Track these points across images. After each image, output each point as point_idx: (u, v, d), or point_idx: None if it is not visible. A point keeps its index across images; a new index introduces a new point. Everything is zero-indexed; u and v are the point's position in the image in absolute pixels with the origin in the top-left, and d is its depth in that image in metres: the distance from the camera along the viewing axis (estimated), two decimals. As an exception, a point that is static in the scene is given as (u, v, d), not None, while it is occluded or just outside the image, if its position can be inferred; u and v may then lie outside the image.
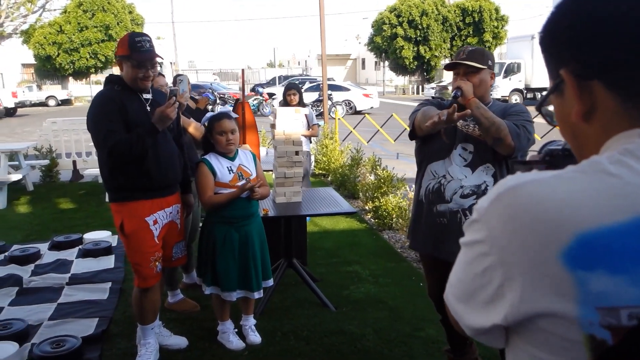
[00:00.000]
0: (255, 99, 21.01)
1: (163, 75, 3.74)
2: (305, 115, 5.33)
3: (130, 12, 31.29)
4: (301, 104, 5.70)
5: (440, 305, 2.76)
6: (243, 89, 4.98)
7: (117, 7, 30.23)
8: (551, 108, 0.85)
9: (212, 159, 3.06)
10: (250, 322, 3.33)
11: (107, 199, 6.71)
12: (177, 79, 3.87)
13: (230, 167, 3.07)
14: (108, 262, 4.68)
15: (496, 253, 0.70)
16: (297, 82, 25.68)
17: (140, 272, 2.88)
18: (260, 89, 22.76)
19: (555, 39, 0.76)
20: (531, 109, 2.00)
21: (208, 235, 3.12)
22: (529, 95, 24.97)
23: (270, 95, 22.12)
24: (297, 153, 3.68)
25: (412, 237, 2.68)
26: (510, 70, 24.95)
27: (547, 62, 0.80)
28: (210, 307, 3.67)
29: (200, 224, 3.58)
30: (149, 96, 2.89)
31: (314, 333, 3.39)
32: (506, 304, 0.69)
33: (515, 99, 24.82)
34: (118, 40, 2.92)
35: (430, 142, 2.50)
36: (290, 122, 3.63)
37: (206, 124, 3.16)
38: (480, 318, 0.74)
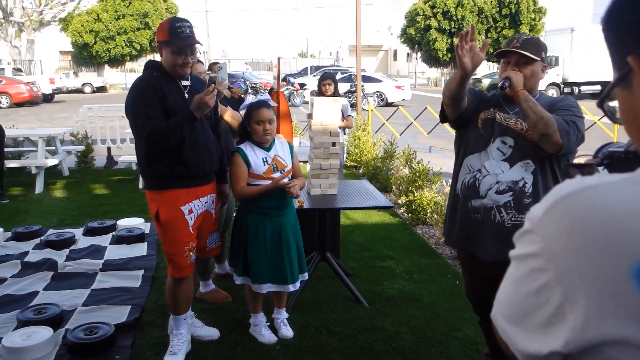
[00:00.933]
0: (286, 89, 20.97)
1: (202, 63, 3.69)
2: (342, 105, 5.23)
3: (165, 1, 31.56)
4: (336, 94, 5.61)
5: (477, 305, 2.66)
6: (278, 78, 4.91)
7: (152, -5, 30.55)
8: (614, 103, 0.75)
9: (248, 148, 2.99)
10: (282, 315, 3.28)
11: (141, 186, 6.83)
12: (216, 66, 3.82)
13: (266, 157, 2.99)
14: (141, 249, 4.70)
15: (554, 269, 0.61)
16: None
17: (174, 261, 2.84)
18: (292, 79, 22.68)
19: (621, 24, 0.66)
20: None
21: (241, 224, 3.07)
22: (567, 90, 24.26)
23: (302, 85, 22.04)
24: (333, 144, 3.59)
25: (448, 232, 2.58)
26: (548, 63, 24.25)
27: (611, 51, 0.70)
28: (242, 299, 3.63)
29: (234, 214, 3.54)
30: (187, 83, 2.84)
31: (347, 329, 3.31)
32: (567, 328, 0.60)
33: (552, 93, 24.15)
34: (156, 27, 2.87)
35: (468, 133, 2.39)
36: (328, 112, 3.54)
37: (243, 111, 3.09)
38: (535, 343, 0.64)
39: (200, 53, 2.89)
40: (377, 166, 7.11)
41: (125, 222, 5.33)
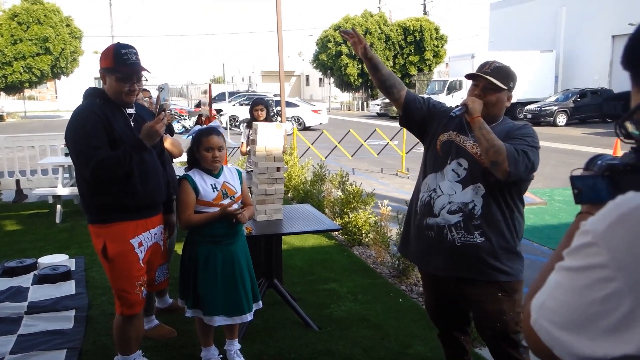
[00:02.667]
0: (200, 114, 20.62)
1: (147, 90, 3.57)
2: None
3: (68, 25, 30.10)
4: (268, 119, 5.62)
5: (436, 318, 2.71)
6: (210, 104, 4.86)
7: (55, 19, 29.02)
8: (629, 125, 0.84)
9: (196, 175, 2.92)
10: (235, 346, 3.18)
11: (58, 221, 6.37)
12: (158, 88, 3.70)
13: (215, 184, 2.94)
14: (68, 287, 4.38)
15: (623, 278, 0.66)
16: (244, 97, 25.54)
17: (125, 298, 2.69)
18: (208, 105, 22.37)
19: None
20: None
21: (190, 254, 2.97)
22: (470, 112, 25.88)
23: (218, 111, 21.76)
24: (278, 169, 3.59)
25: (403, 244, 2.68)
26: (453, 87, 25.85)
27: (635, 78, 0.78)
28: (189, 332, 3.50)
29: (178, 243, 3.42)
30: (132, 111, 2.73)
31: (302, 355, 3.28)
32: None
33: (458, 115, 25.68)
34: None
35: (428, 153, 2.50)
36: (272, 137, 3.54)
37: (191, 138, 3.02)
38: (602, 348, 0.68)
39: (146, 80, 2.80)
40: (308, 190, 7.16)
41: (47, 260, 4.96)
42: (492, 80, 2.29)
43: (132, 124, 2.70)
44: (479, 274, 2.33)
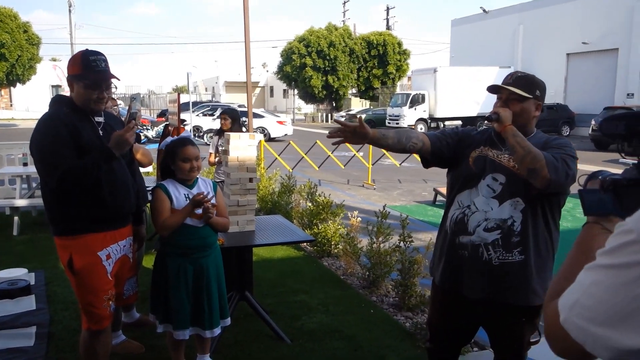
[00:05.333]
0: (164, 124, 20.29)
1: (115, 99, 3.47)
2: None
3: (25, 32, 29.21)
4: (234, 128, 5.57)
5: (437, 338, 2.55)
6: (179, 114, 4.78)
7: (12, 25, 28.12)
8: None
9: (170, 185, 2.86)
10: (206, 361, 3.11)
11: (15, 233, 6.10)
12: (131, 98, 3.60)
13: (188, 194, 2.88)
14: (28, 303, 4.19)
15: None
16: (208, 107, 25.29)
17: (92, 313, 2.58)
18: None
19: None
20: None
21: (161, 268, 2.89)
22: (433, 125, 26.42)
23: (182, 121, 21.48)
24: (250, 180, 3.55)
25: (435, 269, 2.46)
26: (416, 100, 26.32)
27: None
28: (157, 348, 3.40)
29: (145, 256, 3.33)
30: (101, 119, 2.65)
31: (275, 369, 3.23)
32: None
33: (421, 127, 26.15)
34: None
35: (460, 170, 2.35)
36: (244, 147, 3.51)
37: (163, 149, 2.95)
38: None
39: (115, 88, 2.73)
40: (275, 201, 7.12)
41: (4, 274, 4.73)
42: (514, 90, 2.19)
43: (100, 132, 2.62)
44: (517, 299, 2.22)
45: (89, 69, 2.51)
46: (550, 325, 0.89)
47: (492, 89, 2.28)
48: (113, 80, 2.63)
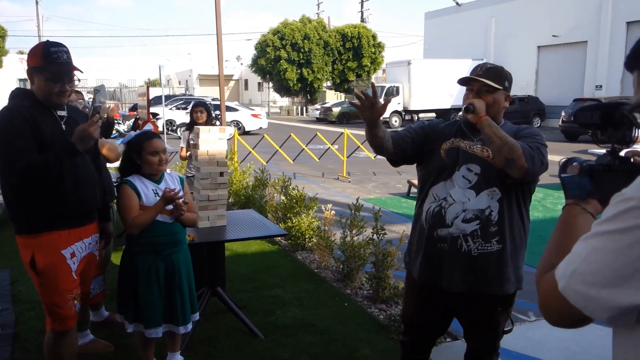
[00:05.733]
0: (137, 117, 19.92)
1: (80, 92, 3.36)
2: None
3: (-11, 23, 28.32)
4: (209, 122, 5.49)
5: (413, 330, 2.54)
6: (148, 107, 4.68)
7: (-26, 16, 27.22)
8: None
9: (136, 180, 2.78)
10: (177, 359, 3.06)
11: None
12: (94, 90, 3.49)
13: (156, 189, 2.81)
14: (-8, 303, 4.07)
15: None
16: (181, 101, 24.94)
17: (56, 313, 2.51)
18: (143, 109, 21.65)
19: None
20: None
21: (129, 266, 2.82)
22: (407, 117, 26.57)
23: (154, 114, 21.16)
24: (221, 174, 3.50)
25: (412, 264, 2.42)
26: (390, 93, 26.39)
27: None
28: (126, 347, 3.34)
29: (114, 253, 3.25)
30: (64, 113, 2.57)
31: (248, 364, 3.20)
32: None
33: (395, 120, 26.29)
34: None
35: (432, 163, 2.33)
36: (214, 141, 3.45)
37: (125, 144, 2.87)
38: None
39: (79, 80, 2.64)
40: (249, 195, 7.06)
41: (-33, 274, 4.58)
42: (485, 82, 2.20)
43: (63, 127, 2.54)
44: (494, 288, 2.24)
45: (51, 61, 2.42)
46: (546, 296, 0.97)
47: (463, 80, 2.27)
48: (76, 73, 2.55)
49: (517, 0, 28.44)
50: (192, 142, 3.69)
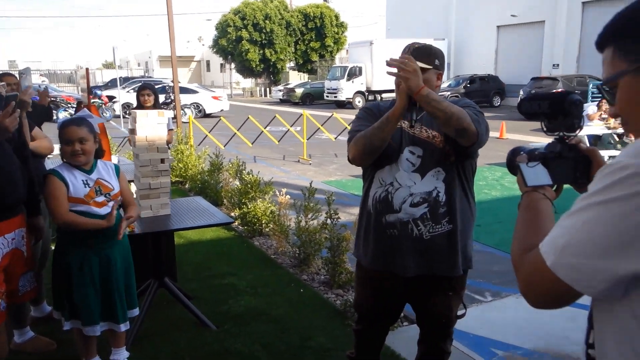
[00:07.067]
0: (93, 102, 19.25)
1: (11, 75, 3.10)
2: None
3: None
4: (157, 105, 5.25)
5: (367, 317, 2.48)
6: (88, 91, 4.43)
7: None
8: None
9: (64, 170, 2.57)
10: (122, 355, 2.90)
11: None
12: (19, 73, 3.23)
13: (86, 180, 2.61)
14: None
15: None
16: (140, 83, 24.25)
17: (-21, 314, 2.32)
18: (99, 92, 20.93)
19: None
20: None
21: (61, 261, 2.63)
22: (370, 97, 26.54)
23: (110, 98, 20.50)
24: (162, 161, 3.31)
25: (363, 252, 2.34)
26: (353, 73, 26.28)
27: (623, 50, 0.93)
28: (69, 342, 3.15)
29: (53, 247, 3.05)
30: (-21, 98, 2.34)
31: (197, 357, 3.08)
32: None
33: (359, 100, 26.22)
34: None
35: None
36: (153, 126, 3.26)
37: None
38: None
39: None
40: (205, 180, 6.87)
41: None
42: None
43: (-22, 113, 2.32)
44: (446, 269, 2.19)
45: None
46: (530, 276, 0.96)
47: (390, 72, 2.11)
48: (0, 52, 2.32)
49: (477, -20, 28.58)
50: (130, 127, 3.49)
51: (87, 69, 4.17)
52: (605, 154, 7.57)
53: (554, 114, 1.24)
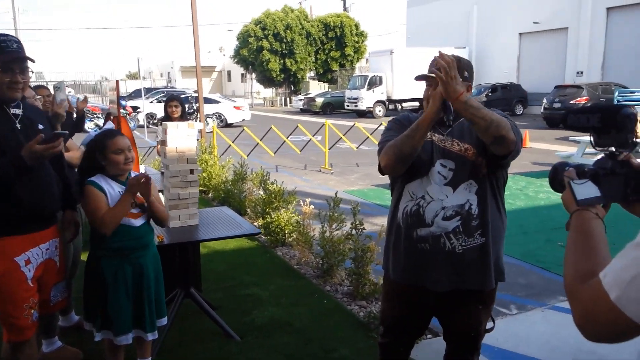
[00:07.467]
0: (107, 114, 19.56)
1: (45, 88, 3.18)
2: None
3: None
4: (184, 116, 5.34)
5: (393, 332, 2.44)
6: (118, 102, 4.52)
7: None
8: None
9: (102, 181, 2.63)
10: (148, 365, 2.94)
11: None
12: (54, 87, 3.30)
13: (122, 191, 2.66)
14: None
15: None
16: (162, 93, 24.59)
17: (12, 324, 2.37)
18: (123, 102, 21.28)
19: None
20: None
21: (95, 272, 2.67)
22: (391, 107, 26.49)
23: (135, 108, 20.85)
24: (192, 172, 3.36)
25: (392, 265, 2.31)
26: (373, 82, 26.27)
27: None
28: (95, 353, 3.21)
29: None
30: (18, 111, 2.41)
31: (222, 369, 3.09)
32: None
33: (379, 110, 26.19)
34: None
35: None
36: (183, 138, 3.31)
37: (86, 145, 2.72)
38: None
39: (32, 72, 2.48)
40: (229, 189, 6.92)
41: None
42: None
43: (18, 126, 2.39)
44: (478, 283, 2.17)
45: None
46: (590, 307, 0.89)
47: (421, 78, 2.15)
48: (30, 64, 2.39)
49: (498, -12, 28.42)
50: (160, 138, 3.54)
51: (117, 81, 4.27)
52: None
53: (605, 128, 1.16)
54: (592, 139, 1.20)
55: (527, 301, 4.09)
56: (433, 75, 2.00)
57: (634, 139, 1.16)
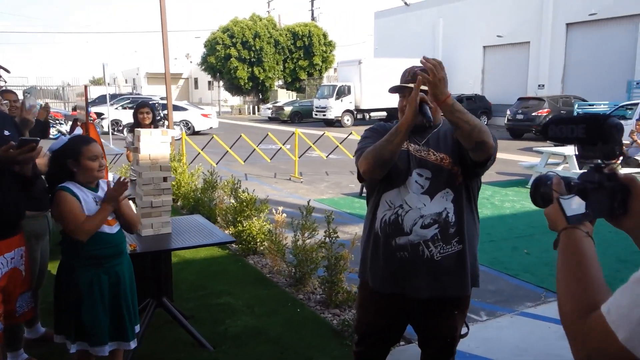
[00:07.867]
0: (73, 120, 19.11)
1: (12, 92, 3.08)
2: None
3: None
4: (154, 123, 5.26)
5: (367, 341, 2.44)
6: (87, 108, 4.43)
7: None
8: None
9: (73, 187, 2.55)
10: (120, 377, 2.86)
11: None
12: (24, 92, 3.21)
13: (95, 198, 2.60)
14: None
15: None
16: (127, 100, 24.17)
17: (-22, 336, 2.28)
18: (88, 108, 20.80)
19: None
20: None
21: (68, 282, 2.58)
22: (359, 116, 26.71)
23: (99, 114, 20.42)
24: (165, 179, 3.32)
25: (371, 275, 2.31)
26: (342, 92, 26.45)
27: None
28: (63, 365, 3.10)
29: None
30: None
31: (195, 379, 3.05)
32: None
33: (347, 119, 26.38)
34: None
35: None
36: (157, 145, 3.26)
37: (53, 151, 2.63)
38: None
39: (5, 82, 2.41)
40: (198, 198, 6.84)
41: None
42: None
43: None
44: (455, 289, 2.21)
45: None
46: (596, 346, 0.84)
47: (395, 89, 2.19)
48: (0, 71, 2.33)
49: (463, 1, 29.12)
50: (132, 146, 3.48)
51: (85, 87, 4.17)
52: None
53: (591, 139, 1.09)
54: (576, 151, 1.16)
55: (496, 307, 4.17)
56: (409, 85, 2.06)
57: (621, 151, 1.11)
